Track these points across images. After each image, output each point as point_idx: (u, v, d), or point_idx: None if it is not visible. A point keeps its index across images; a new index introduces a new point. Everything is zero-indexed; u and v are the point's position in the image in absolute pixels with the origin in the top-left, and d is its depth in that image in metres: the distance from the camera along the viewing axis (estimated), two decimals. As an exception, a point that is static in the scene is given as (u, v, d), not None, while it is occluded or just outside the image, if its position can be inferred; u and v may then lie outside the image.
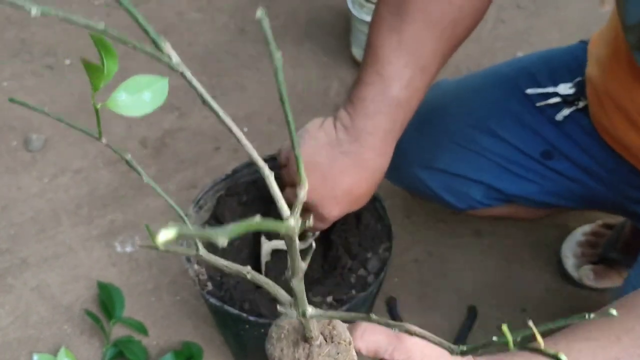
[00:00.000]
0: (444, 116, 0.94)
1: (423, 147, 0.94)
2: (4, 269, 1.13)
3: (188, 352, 1.00)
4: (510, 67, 0.96)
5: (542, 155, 0.89)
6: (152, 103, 0.29)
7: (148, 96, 0.29)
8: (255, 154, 0.31)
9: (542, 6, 1.60)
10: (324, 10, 1.59)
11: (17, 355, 1.03)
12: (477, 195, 0.94)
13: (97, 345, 1.03)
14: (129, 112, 0.29)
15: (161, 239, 0.19)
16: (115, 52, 0.29)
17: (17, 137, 1.32)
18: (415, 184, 0.97)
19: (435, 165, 0.93)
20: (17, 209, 1.21)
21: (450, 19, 0.67)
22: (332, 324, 0.44)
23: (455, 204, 0.96)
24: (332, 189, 0.70)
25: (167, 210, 1.21)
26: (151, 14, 1.57)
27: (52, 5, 1.53)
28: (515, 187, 0.92)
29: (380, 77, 0.67)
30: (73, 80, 1.42)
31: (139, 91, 0.29)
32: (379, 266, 0.82)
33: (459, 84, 0.98)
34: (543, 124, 0.88)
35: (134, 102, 0.29)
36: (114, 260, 1.14)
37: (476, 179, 0.92)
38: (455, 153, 0.92)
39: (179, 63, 0.27)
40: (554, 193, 0.91)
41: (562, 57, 0.91)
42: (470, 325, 1.05)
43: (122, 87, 0.29)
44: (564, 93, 0.87)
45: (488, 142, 0.90)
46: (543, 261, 1.15)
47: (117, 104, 0.29)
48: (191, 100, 1.38)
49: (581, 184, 0.89)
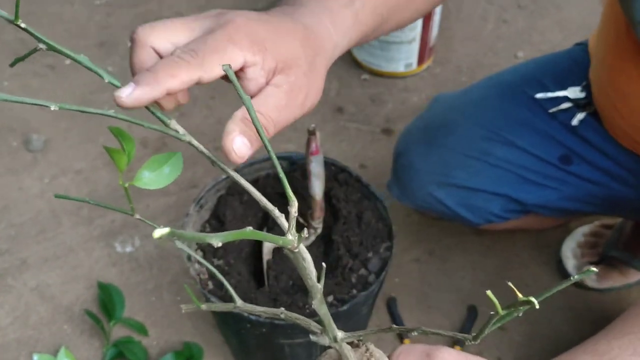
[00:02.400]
0: (454, 132, 0.91)
1: (436, 166, 0.91)
2: (4, 269, 1.13)
3: (188, 352, 1.00)
4: (512, 74, 0.94)
5: (561, 160, 0.87)
6: (171, 175, 0.35)
7: (167, 170, 0.35)
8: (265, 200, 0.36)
9: (543, 6, 1.60)
10: (324, 10, 1.58)
11: (17, 355, 1.03)
12: (496, 209, 0.92)
13: (97, 346, 1.03)
14: (153, 186, 0.34)
15: (156, 235, 0.21)
16: (132, 137, 0.34)
17: (18, 138, 1.32)
18: (430, 203, 0.94)
19: (451, 181, 0.91)
20: (17, 209, 1.21)
21: None
22: (370, 352, 0.44)
23: (472, 219, 0.94)
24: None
25: (167, 210, 1.21)
26: (151, 14, 1.57)
27: (53, 6, 1.52)
28: (535, 195, 0.89)
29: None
30: (74, 80, 1.42)
31: (159, 167, 0.35)
32: (380, 266, 0.81)
33: (462, 98, 0.96)
34: (557, 129, 0.87)
35: (156, 177, 0.34)
36: (114, 261, 1.14)
37: (495, 191, 0.90)
38: (471, 167, 0.90)
39: (185, 134, 0.35)
40: (574, 198, 0.89)
41: (563, 61, 0.90)
42: (470, 324, 1.05)
43: (145, 167, 0.34)
44: (575, 97, 0.85)
45: (503, 152, 0.88)
46: (543, 261, 1.14)
47: (142, 181, 0.34)
48: (191, 100, 1.37)
49: (603, 187, 0.87)
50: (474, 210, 0.93)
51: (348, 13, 0.53)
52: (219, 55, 0.42)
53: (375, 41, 1.35)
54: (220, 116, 1.35)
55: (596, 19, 0.86)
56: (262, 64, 0.44)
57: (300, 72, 0.46)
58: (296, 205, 0.31)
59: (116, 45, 1.50)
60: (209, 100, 1.39)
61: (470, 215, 0.93)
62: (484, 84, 0.97)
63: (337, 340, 0.38)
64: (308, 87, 0.47)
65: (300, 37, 0.47)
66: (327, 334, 0.39)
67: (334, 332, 0.38)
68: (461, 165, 0.90)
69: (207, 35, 0.43)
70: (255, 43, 0.44)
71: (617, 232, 1.07)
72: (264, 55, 0.44)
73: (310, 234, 0.84)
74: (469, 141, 0.90)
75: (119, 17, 1.57)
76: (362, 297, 0.77)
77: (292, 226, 0.31)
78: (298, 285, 0.84)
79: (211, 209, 0.89)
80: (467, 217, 0.94)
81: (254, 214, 0.89)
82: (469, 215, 0.93)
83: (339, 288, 0.79)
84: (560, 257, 1.12)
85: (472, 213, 0.93)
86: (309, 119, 1.31)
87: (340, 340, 0.38)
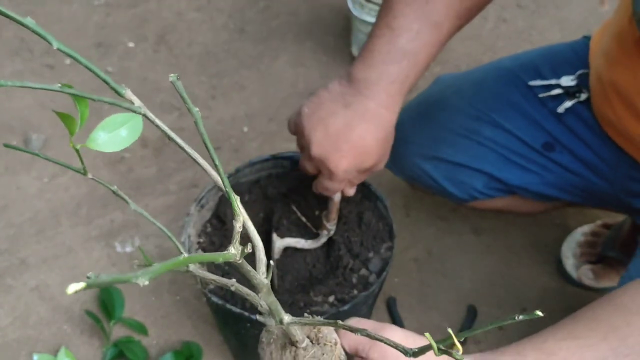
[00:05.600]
0: (446, 108, 0.94)
1: (425, 139, 0.94)
2: (3, 269, 1.13)
3: (188, 351, 1.00)
4: (512, 60, 0.97)
5: (544, 147, 0.89)
6: (128, 138, 0.32)
7: (125, 132, 0.32)
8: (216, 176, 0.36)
9: (542, 5, 1.60)
10: (324, 10, 1.59)
11: (17, 355, 1.03)
12: (479, 185, 0.94)
13: (97, 345, 1.03)
14: (108, 149, 0.32)
15: (70, 291, 0.20)
16: (86, 101, 0.32)
17: (17, 137, 1.32)
18: (417, 175, 0.98)
19: (437, 155, 0.94)
20: (17, 209, 1.21)
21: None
22: (318, 327, 0.45)
23: (457, 194, 0.96)
24: (335, 141, 0.69)
25: (166, 209, 1.20)
26: (151, 14, 1.57)
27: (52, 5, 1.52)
28: (517, 177, 0.92)
29: (390, 29, 0.67)
30: (73, 79, 1.41)
31: (116, 129, 0.32)
32: (381, 266, 0.82)
33: (460, 78, 0.99)
34: (545, 116, 0.89)
35: (111, 139, 0.32)
36: (113, 260, 1.14)
37: (478, 168, 0.92)
38: (458, 143, 0.93)
39: (141, 106, 0.31)
40: (554, 185, 0.92)
41: (564, 52, 0.92)
42: (469, 324, 1.05)
43: (100, 127, 0.32)
44: (566, 85, 0.87)
45: (490, 132, 0.91)
46: (543, 261, 1.15)
47: (96, 142, 0.32)
48: (191, 100, 1.37)
49: (582, 177, 0.89)
50: (459, 184, 0.95)
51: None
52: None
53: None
54: (220, 116, 1.35)
55: (595, 18, 0.87)
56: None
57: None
58: (241, 220, 0.33)
59: (115, 45, 1.50)
60: (209, 100, 1.39)
61: (455, 190, 0.96)
62: (484, 68, 1.00)
63: (282, 322, 0.40)
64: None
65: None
66: (273, 317, 0.41)
67: (281, 316, 0.40)
68: (449, 141, 0.93)
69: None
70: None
71: (615, 232, 1.08)
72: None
73: (323, 235, 0.84)
74: (460, 119, 0.93)
75: (118, 17, 1.57)
76: (363, 297, 0.77)
77: (237, 240, 0.32)
78: (302, 284, 0.84)
79: (212, 209, 0.89)
80: (453, 192, 0.96)
81: (255, 213, 0.89)
82: (454, 189, 0.96)
83: (339, 288, 0.79)
84: (560, 256, 1.12)
85: (457, 188, 0.95)
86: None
87: (286, 323, 0.40)
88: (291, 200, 0.88)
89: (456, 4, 0.68)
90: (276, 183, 0.89)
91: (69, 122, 0.32)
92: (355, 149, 0.70)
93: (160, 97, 1.38)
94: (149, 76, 1.43)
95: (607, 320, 0.53)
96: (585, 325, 0.53)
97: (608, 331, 0.52)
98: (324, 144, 0.69)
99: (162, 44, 1.51)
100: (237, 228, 0.32)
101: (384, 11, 0.69)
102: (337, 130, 0.69)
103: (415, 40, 0.68)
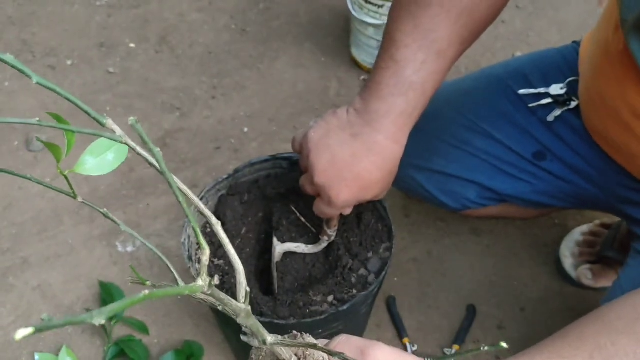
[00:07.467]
0: (437, 119, 0.94)
1: (418, 150, 0.94)
2: (6, 268, 1.13)
3: (189, 350, 1.01)
4: (502, 68, 0.97)
5: (534, 156, 0.90)
6: (115, 162, 0.32)
7: (111, 156, 0.33)
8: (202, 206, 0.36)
9: (541, 7, 1.60)
10: (324, 11, 1.59)
11: (19, 354, 1.04)
12: (472, 196, 0.94)
13: (99, 344, 1.04)
14: (95, 172, 0.32)
15: (18, 337, 0.19)
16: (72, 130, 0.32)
17: (19, 137, 1.32)
18: (411, 186, 0.98)
19: (430, 167, 0.94)
20: (19, 208, 1.22)
21: (466, 4, 0.66)
22: (302, 336, 0.45)
23: (451, 204, 0.97)
24: (340, 171, 0.69)
25: (168, 209, 1.21)
26: (152, 15, 1.58)
27: (55, 6, 1.53)
28: (509, 187, 0.92)
29: (394, 60, 0.67)
30: (75, 80, 1.42)
31: (102, 153, 0.33)
32: (380, 266, 0.82)
33: (451, 87, 0.98)
34: (535, 125, 0.89)
35: (98, 164, 0.32)
36: (115, 260, 1.14)
37: (470, 179, 0.93)
38: (450, 154, 0.93)
39: (122, 135, 0.31)
40: (546, 193, 0.92)
41: (554, 58, 0.92)
42: (469, 324, 1.06)
43: (88, 152, 0.33)
44: (555, 93, 0.88)
45: (482, 143, 0.91)
46: (542, 260, 1.15)
47: (84, 167, 0.32)
48: (192, 101, 1.38)
49: (573, 185, 0.90)
50: (451, 195, 0.95)
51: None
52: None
53: (374, 42, 1.35)
54: (221, 116, 1.36)
55: (594, 19, 0.87)
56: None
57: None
58: (207, 253, 0.31)
59: (116, 46, 1.51)
60: (209, 100, 1.39)
61: (448, 200, 0.96)
62: (475, 76, 1.00)
63: (266, 343, 0.39)
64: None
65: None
66: (256, 338, 0.40)
67: (264, 337, 0.39)
68: (441, 152, 0.93)
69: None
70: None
71: (614, 232, 1.08)
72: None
73: (324, 240, 0.84)
74: (451, 129, 0.93)
75: (120, 18, 1.57)
76: (362, 297, 0.77)
77: (204, 272, 0.31)
78: (301, 284, 0.85)
79: (212, 209, 0.89)
80: (446, 202, 0.96)
81: (254, 214, 0.90)
82: (448, 200, 0.96)
83: (339, 288, 0.80)
84: (559, 256, 1.13)
85: (450, 198, 0.96)
86: (309, 119, 1.32)
87: (269, 344, 0.39)
88: (290, 201, 0.88)
89: (459, 30, 0.68)
90: (275, 183, 0.90)
91: (54, 150, 0.32)
92: (359, 181, 0.70)
93: (161, 98, 1.38)
94: (150, 77, 1.43)
95: (592, 339, 0.53)
96: (571, 344, 0.53)
97: (594, 350, 0.52)
98: (329, 172, 0.69)
99: (163, 45, 1.51)
100: (204, 261, 0.31)
101: (387, 43, 0.68)
102: (344, 160, 0.69)
103: (421, 71, 0.67)
